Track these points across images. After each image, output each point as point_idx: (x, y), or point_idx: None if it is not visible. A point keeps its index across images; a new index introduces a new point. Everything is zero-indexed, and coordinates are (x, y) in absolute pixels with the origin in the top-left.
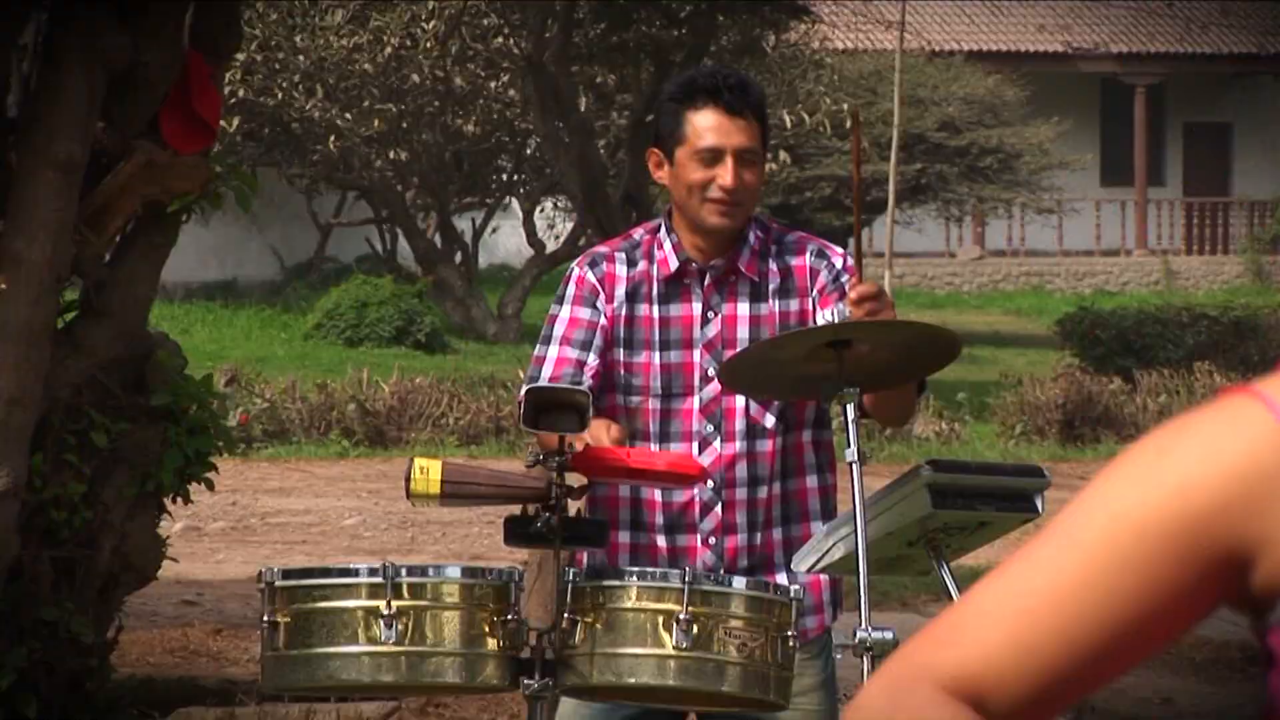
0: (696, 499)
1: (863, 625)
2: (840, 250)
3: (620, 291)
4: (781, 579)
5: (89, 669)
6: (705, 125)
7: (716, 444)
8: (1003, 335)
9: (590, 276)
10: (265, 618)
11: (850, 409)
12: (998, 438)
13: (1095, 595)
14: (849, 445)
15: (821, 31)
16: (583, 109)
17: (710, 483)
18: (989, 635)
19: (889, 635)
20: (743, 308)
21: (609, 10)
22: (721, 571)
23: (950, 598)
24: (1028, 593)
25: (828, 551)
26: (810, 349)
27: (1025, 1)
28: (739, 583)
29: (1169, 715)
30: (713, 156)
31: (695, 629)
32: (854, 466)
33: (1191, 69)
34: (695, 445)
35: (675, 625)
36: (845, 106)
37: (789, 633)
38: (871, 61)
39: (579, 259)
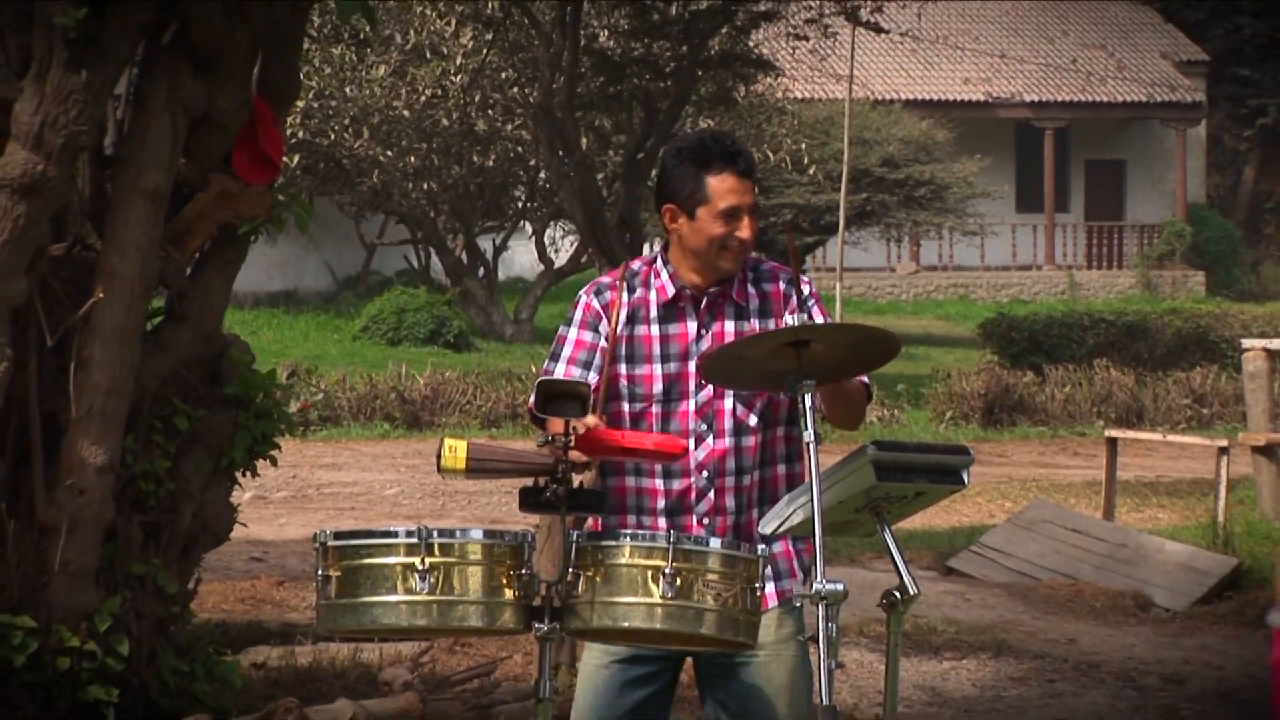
0: (693, 487)
1: (818, 578)
2: (808, 280)
3: (621, 315)
4: (759, 549)
5: (172, 615)
6: (726, 188)
7: (709, 440)
8: (934, 336)
9: (595, 304)
10: (319, 572)
11: (808, 398)
12: (930, 422)
13: None
14: (806, 428)
15: (783, 84)
16: (584, 148)
17: (705, 472)
18: None
19: (840, 587)
20: (729, 325)
21: (606, 65)
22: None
23: (892, 555)
24: None
25: (788, 517)
26: (775, 348)
27: (952, 58)
28: (715, 543)
29: (1074, 653)
30: (732, 214)
31: (678, 581)
32: (810, 446)
33: (1091, 115)
34: (692, 441)
35: (662, 578)
36: (804, 146)
37: (756, 584)
38: (825, 108)
39: (586, 287)
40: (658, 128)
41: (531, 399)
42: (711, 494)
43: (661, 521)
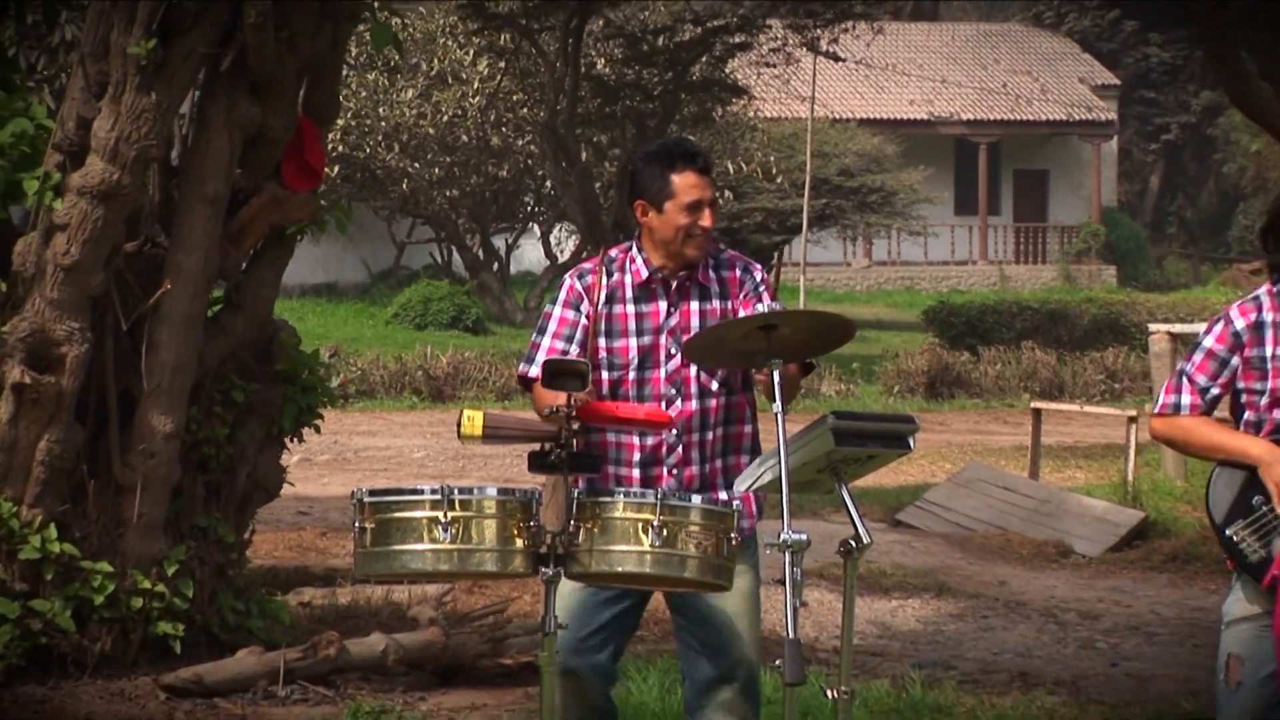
0: (664, 442)
1: (785, 530)
2: (759, 266)
3: (601, 295)
4: (722, 495)
5: (230, 561)
6: (689, 184)
7: (678, 403)
8: (884, 322)
9: (578, 286)
10: (356, 524)
11: (777, 374)
12: (880, 395)
13: None
14: (775, 399)
15: (754, 105)
16: (583, 160)
17: (674, 430)
18: None
19: (803, 537)
20: (695, 305)
21: (603, 89)
22: (682, 491)
23: (848, 510)
24: None
25: (759, 476)
26: (749, 331)
27: (899, 82)
28: (696, 499)
29: (1004, 593)
30: (695, 206)
31: (665, 532)
32: (779, 415)
33: (1019, 131)
34: (664, 404)
35: (651, 529)
36: (772, 158)
37: (731, 534)
38: (790, 126)
39: (570, 272)
40: (646, 143)
41: (522, 366)
42: (680, 448)
43: (636, 472)
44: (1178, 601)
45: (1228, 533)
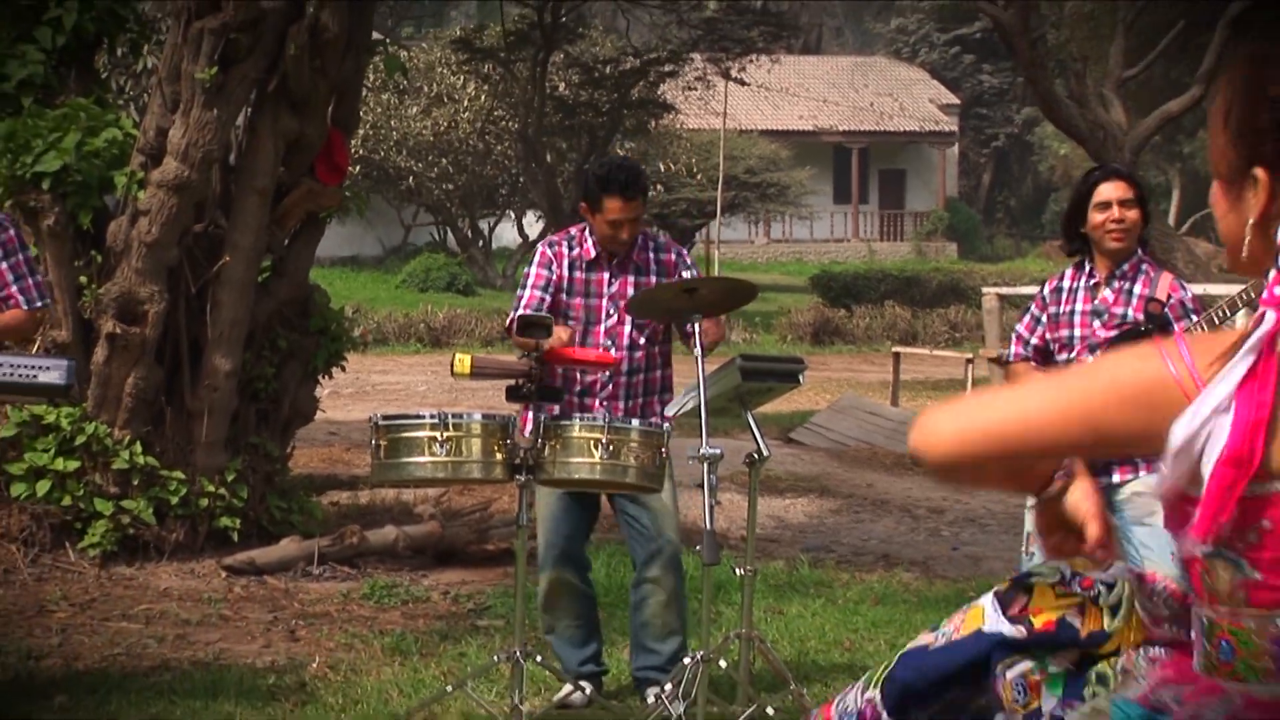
0: (599, 380)
1: (704, 446)
2: (685, 250)
3: (565, 262)
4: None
5: (276, 470)
6: (614, 208)
7: (612, 350)
8: (780, 286)
9: (549, 252)
10: (372, 442)
11: (697, 326)
12: (777, 342)
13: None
14: (696, 346)
15: (680, 119)
16: (548, 161)
17: (608, 372)
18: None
19: (718, 451)
20: (631, 278)
21: (563, 107)
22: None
23: (753, 434)
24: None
25: (685, 404)
26: (676, 293)
27: (792, 101)
28: (635, 422)
29: (871, 494)
30: (616, 224)
31: (611, 447)
32: (698, 358)
33: (883, 139)
34: (601, 351)
35: (600, 446)
36: (694, 160)
37: (662, 450)
38: (708, 135)
39: (542, 242)
40: (597, 148)
41: (510, 315)
42: (610, 385)
43: (575, 400)
44: (1003, 499)
45: None
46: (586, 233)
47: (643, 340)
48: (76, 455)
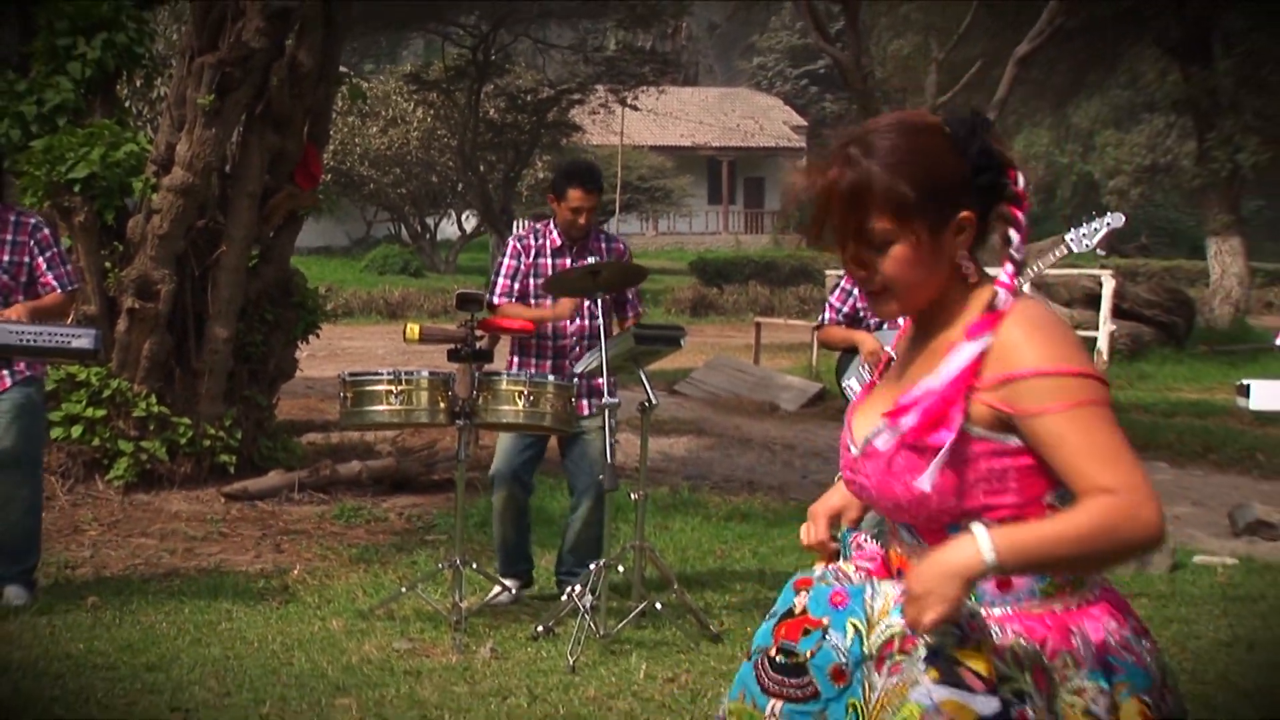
0: (567, 344)
1: (606, 396)
2: (626, 247)
3: (533, 251)
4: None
5: (264, 417)
6: (575, 196)
7: (569, 325)
8: (666, 270)
9: (518, 245)
10: (341, 394)
11: (600, 302)
12: (664, 314)
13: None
14: (597, 316)
15: (586, 137)
16: (481, 170)
17: (574, 337)
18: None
19: (616, 400)
20: (589, 261)
21: (493, 128)
22: (558, 376)
23: (644, 387)
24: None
25: (590, 363)
26: (583, 274)
27: (675, 122)
28: (551, 377)
29: (738, 434)
30: (576, 210)
31: (532, 397)
32: (600, 327)
33: (747, 154)
34: (523, 322)
35: (523, 396)
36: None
37: (572, 399)
38: (608, 150)
39: (513, 235)
40: (520, 161)
41: (488, 297)
42: (576, 349)
43: (549, 362)
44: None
45: (842, 384)
46: (550, 225)
47: (599, 314)
48: (103, 405)
